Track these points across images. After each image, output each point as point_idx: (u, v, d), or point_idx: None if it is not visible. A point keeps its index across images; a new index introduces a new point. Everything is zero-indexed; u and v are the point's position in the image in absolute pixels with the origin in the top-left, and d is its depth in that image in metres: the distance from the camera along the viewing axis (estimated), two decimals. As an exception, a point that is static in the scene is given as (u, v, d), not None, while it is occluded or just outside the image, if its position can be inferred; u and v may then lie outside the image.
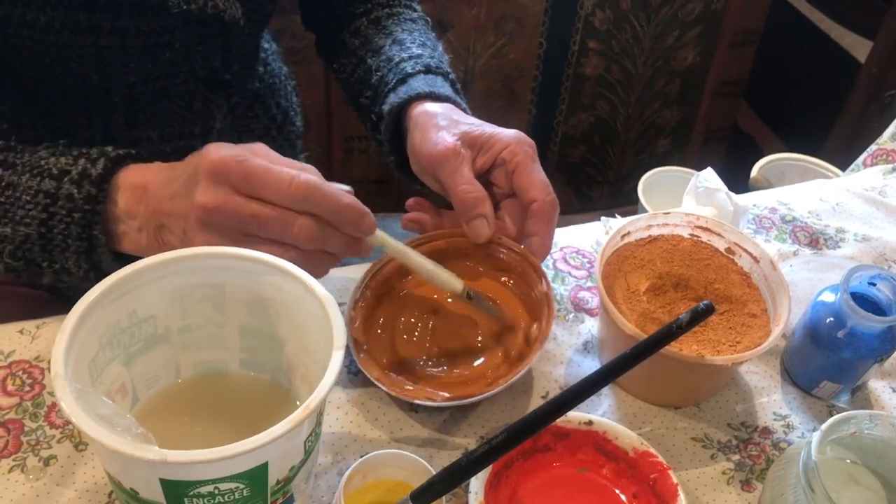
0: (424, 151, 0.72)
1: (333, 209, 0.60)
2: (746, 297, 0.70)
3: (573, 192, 2.17)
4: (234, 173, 0.58)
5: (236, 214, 0.58)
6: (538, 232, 0.70)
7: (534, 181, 0.70)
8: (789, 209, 0.91)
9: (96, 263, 0.65)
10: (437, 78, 0.80)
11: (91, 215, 0.62)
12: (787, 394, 0.72)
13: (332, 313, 0.53)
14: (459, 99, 0.79)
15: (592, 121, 2.03)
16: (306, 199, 0.59)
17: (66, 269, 0.65)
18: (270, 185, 0.58)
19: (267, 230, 0.59)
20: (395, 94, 0.78)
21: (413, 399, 0.64)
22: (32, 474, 0.61)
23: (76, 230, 0.63)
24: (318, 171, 0.61)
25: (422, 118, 0.74)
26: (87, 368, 0.53)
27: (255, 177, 0.58)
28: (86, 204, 0.62)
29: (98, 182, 0.63)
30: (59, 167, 0.64)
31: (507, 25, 1.78)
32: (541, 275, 0.69)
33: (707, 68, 2.03)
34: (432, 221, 0.75)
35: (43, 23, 0.70)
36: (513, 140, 0.71)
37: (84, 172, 0.63)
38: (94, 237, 0.63)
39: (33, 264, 0.66)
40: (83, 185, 0.63)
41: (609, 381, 0.47)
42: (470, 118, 0.75)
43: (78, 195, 0.62)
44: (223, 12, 0.77)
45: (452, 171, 0.70)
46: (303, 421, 0.48)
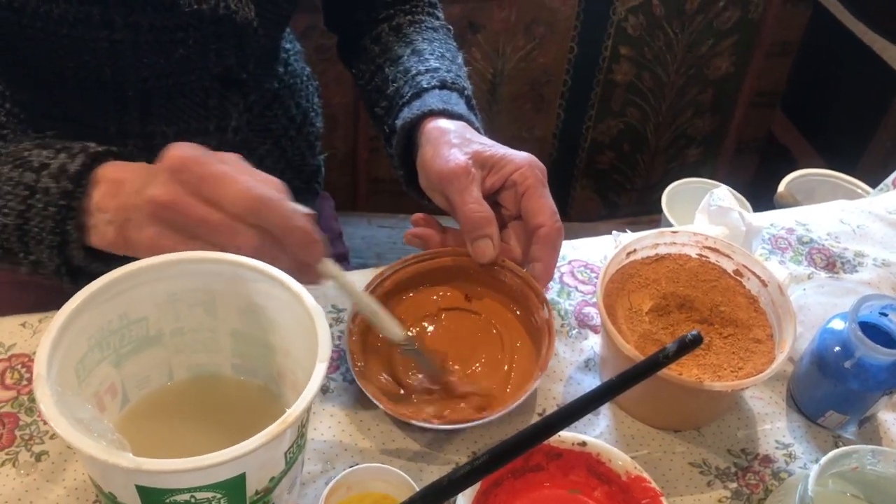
0: (435, 168, 0.71)
1: (282, 228, 0.58)
2: (752, 321, 0.68)
3: (600, 198, 2.15)
4: (192, 173, 0.57)
5: (185, 214, 0.57)
6: (542, 258, 0.69)
7: (542, 206, 0.69)
8: (807, 230, 0.88)
9: (68, 258, 0.64)
10: (453, 94, 0.79)
11: (65, 210, 0.62)
12: (792, 422, 0.71)
13: (318, 325, 0.53)
14: (474, 116, 0.79)
15: (622, 127, 2.01)
16: (257, 212, 0.57)
17: (40, 261, 0.64)
18: (224, 191, 0.56)
19: (213, 236, 0.57)
20: (409, 108, 0.78)
21: (408, 419, 0.63)
22: (24, 469, 0.61)
23: (50, 224, 0.62)
24: (284, 187, 0.60)
25: (434, 134, 0.73)
26: (74, 369, 0.53)
27: (211, 180, 0.57)
28: (61, 199, 0.62)
29: (75, 178, 0.62)
30: (40, 160, 0.64)
31: (538, 29, 1.77)
32: (542, 301, 0.68)
33: (742, 78, 2.00)
34: (437, 238, 0.74)
35: (56, 15, 0.71)
36: (524, 163, 0.70)
37: (62, 168, 0.63)
38: (67, 232, 0.62)
39: (11, 254, 0.65)
40: (60, 180, 0.62)
41: (593, 408, 0.46)
42: (483, 138, 0.74)
43: (55, 189, 0.62)
44: (235, 13, 0.77)
45: (461, 189, 0.69)
46: (280, 433, 0.47)
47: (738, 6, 1.86)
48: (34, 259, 0.65)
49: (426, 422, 0.63)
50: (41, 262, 0.65)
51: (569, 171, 2.06)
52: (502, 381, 0.67)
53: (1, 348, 0.69)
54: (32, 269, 0.66)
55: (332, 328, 0.73)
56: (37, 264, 0.65)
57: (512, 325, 0.71)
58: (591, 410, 0.45)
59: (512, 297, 0.71)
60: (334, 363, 0.71)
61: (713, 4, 1.84)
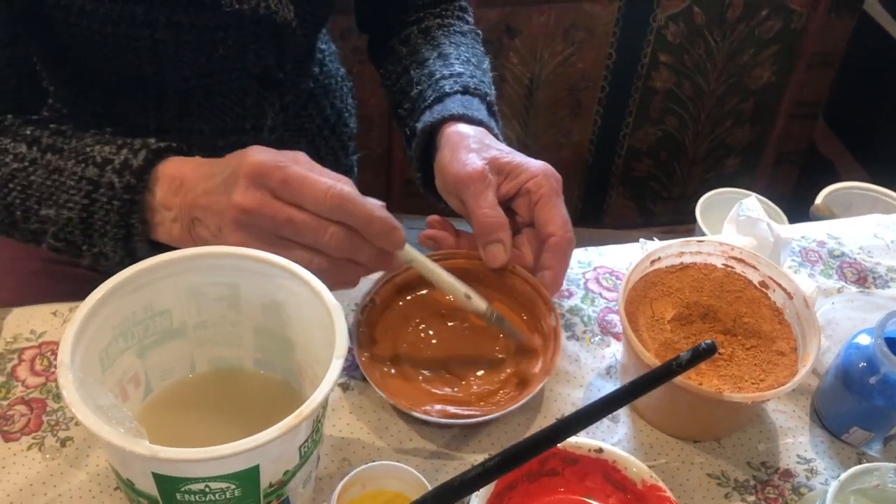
0: (452, 171, 0.72)
1: (365, 220, 0.61)
2: (776, 333, 0.68)
3: (636, 206, 2.13)
4: (274, 177, 0.60)
5: (272, 217, 0.60)
6: (552, 267, 0.70)
7: (554, 216, 0.70)
8: (839, 244, 0.87)
9: (132, 251, 0.67)
10: (475, 100, 0.80)
11: (129, 204, 0.65)
12: (815, 436, 0.70)
13: (337, 321, 0.53)
14: (494, 123, 0.79)
15: (660, 135, 1.99)
16: (340, 209, 0.60)
17: (103, 253, 0.68)
18: (307, 192, 0.60)
19: (300, 235, 0.61)
20: (431, 112, 0.79)
21: (410, 411, 0.64)
22: (49, 454, 0.63)
23: (115, 218, 0.65)
24: (353, 183, 0.62)
25: (453, 138, 0.74)
26: (98, 357, 0.54)
27: (293, 183, 0.60)
28: (125, 193, 0.65)
29: (138, 173, 0.65)
30: (103, 156, 0.67)
31: (577, 34, 1.76)
32: (550, 308, 0.69)
33: (783, 88, 1.97)
34: (450, 241, 0.75)
35: (101, 14, 0.72)
36: (539, 172, 0.71)
37: (126, 163, 0.66)
38: (131, 225, 0.66)
39: (74, 247, 0.68)
40: (124, 175, 0.65)
41: (603, 416, 0.46)
42: (501, 144, 0.75)
43: (118, 184, 0.65)
44: (275, 14, 0.78)
45: (476, 193, 0.70)
46: (294, 427, 0.48)
47: (781, 15, 1.83)
48: (97, 251, 0.68)
49: (425, 413, 0.64)
50: (105, 255, 0.68)
51: (605, 178, 2.05)
52: (504, 383, 0.68)
53: (32, 335, 0.70)
54: (94, 261, 0.69)
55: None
56: (100, 256, 0.68)
57: (519, 329, 0.71)
58: (601, 417, 0.45)
59: (521, 302, 0.72)
60: (355, 361, 0.72)
61: (755, 13, 1.81)
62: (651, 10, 1.76)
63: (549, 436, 0.48)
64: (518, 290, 0.71)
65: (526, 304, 0.71)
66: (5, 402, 0.66)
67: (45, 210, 0.67)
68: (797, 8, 1.83)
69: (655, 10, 1.76)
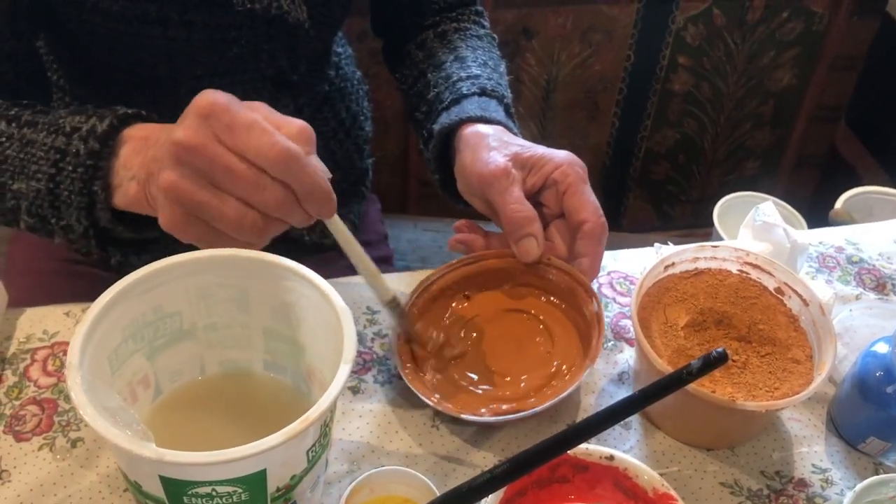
0: (475, 171, 0.71)
1: (307, 187, 0.56)
2: (792, 341, 0.67)
3: (653, 209, 2.12)
4: (221, 119, 0.54)
5: (210, 161, 0.54)
6: (588, 253, 0.69)
7: (585, 202, 0.69)
8: (857, 249, 0.86)
9: (95, 221, 0.64)
10: (492, 101, 0.79)
11: (92, 170, 0.62)
12: (831, 446, 0.69)
13: (345, 325, 0.53)
14: (511, 123, 0.79)
15: (678, 138, 1.98)
16: (284, 167, 0.55)
17: (69, 225, 0.65)
18: (252, 141, 0.54)
19: (237, 187, 0.55)
20: (448, 114, 0.78)
21: (458, 414, 0.63)
22: (59, 454, 0.63)
23: (78, 185, 0.63)
24: (312, 131, 0.58)
25: (473, 139, 0.74)
26: (108, 359, 0.54)
27: (240, 128, 0.54)
28: (88, 159, 0.62)
29: (102, 138, 0.62)
30: (72, 124, 0.64)
31: (595, 36, 1.75)
32: (591, 294, 0.68)
33: (804, 91, 1.95)
34: (481, 243, 0.74)
35: (115, 12, 0.73)
36: (564, 161, 0.70)
37: (92, 129, 0.63)
38: (93, 192, 0.63)
39: (45, 221, 0.66)
40: (88, 141, 0.63)
41: (612, 424, 0.45)
42: (521, 140, 0.74)
43: (83, 150, 0.63)
44: (287, 14, 0.78)
45: (502, 190, 0.69)
46: (301, 432, 0.48)
47: (802, 18, 1.81)
48: (64, 224, 0.65)
49: (475, 415, 0.64)
50: (71, 227, 0.65)
51: (622, 181, 2.04)
52: (552, 375, 0.67)
53: (45, 336, 0.71)
54: (64, 235, 0.66)
55: (366, 329, 0.74)
56: (67, 229, 0.65)
57: (560, 321, 0.70)
58: (610, 426, 0.45)
59: (559, 293, 0.71)
60: (366, 364, 0.71)
61: (776, 15, 1.80)
62: (670, 12, 1.75)
63: (558, 443, 0.47)
64: (556, 281, 0.71)
65: (565, 294, 0.71)
66: (17, 402, 0.66)
67: (17, 184, 0.65)
68: (819, 10, 1.81)
69: (674, 11, 1.75)
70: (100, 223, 0.64)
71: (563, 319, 0.71)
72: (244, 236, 0.56)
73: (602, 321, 0.66)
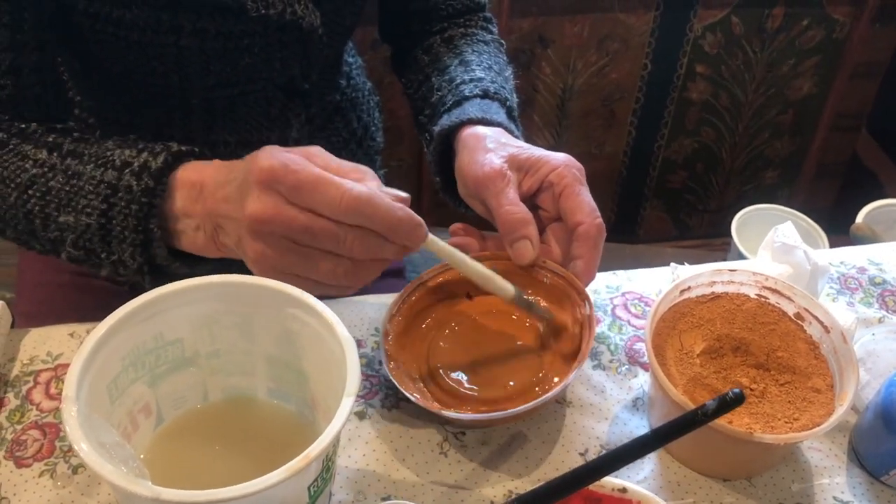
0: (471, 173, 0.71)
1: (387, 225, 0.57)
2: (812, 369, 0.64)
3: (670, 218, 2.09)
4: (285, 182, 0.56)
5: (287, 226, 0.56)
6: (583, 255, 0.67)
7: (580, 204, 0.68)
8: (881, 270, 0.83)
9: (151, 258, 0.65)
10: (494, 104, 0.79)
11: (148, 208, 0.63)
12: (853, 477, 0.66)
13: (349, 356, 0.52)
14: (514, 126, 0.78)
15: (696, 147, 1.95)
16: (357, 213, 0.56)
17: (122, 261, 0.65)
18: (320, 197, 0.56)
19: (320, 242, 0.57)
20: (449, 116, 0.78)
21: (440, 411, 0.62)
22: (60, 481, 0.62)
23: (133, 222, 0.63)
24: (374, 174, 0.59)
25: (470, 140, 0.73)
26: (107, 388, 0.53)
27: (306, 188, 0.56)
28: (143, 196, 0.63)
29: (157, 175, 0.63)
30: (123, 159, 0.65)
31: (611, 45, 1.73)
32: (584, 297, 0.67)
33: (824, 100, 1.92)
34: (476, 246, 0.73)
35: (128, 20, 0.72)
36: (560, 163, 0.69)
37: (145, 165, 0.64)
38: (149, 230, 0.63)
39: (93, 255, 0.66)
40: (142, 178, 0.63)
41: (625, 465, 0.44)
42: (519, 142, 0.74)
43: (137, 187, 0.63)
44: (301, 19, 0.77)
45: (497, 192, 0.69)
46: (302, 469, 0.46)
47: (823, 25, 1.79)
48: (116, 259, 0.65)
49: (458, 412, 0.62)
50: (123, 262, 0.65)
51: (639, 190, 2.02)
52: (540, 379, 0.66)
53: (48, 358, 0.70)
54: (113, 269, 0.66)
55: (373, 351, 0.73)
56: (118, 264, 0.66)
57: (552, 323, 0.69)
58: (621, 468, 0.43)
59: (554, 295, 0.70)
60: (374, 388, 0.70)
61: (796, 23, 1.77)
62: (688, 21, 1.73)
63: (567, 484, 0.45)
64: (549, 284, 0.70)
65: (559, 297, 0.70)
66: (19, 426, 0.65)
67: (63, 217, 0.65)
68: (840, 17, 1.78)
69: (692, 20, 1.73)
70: (156, 260, 0.65)
71: (556, 322, 0.69)
72: (343, 283, 0.59)
73: (593, 325, 0.65)
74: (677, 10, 1.71)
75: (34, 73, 0.72)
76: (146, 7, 0.71)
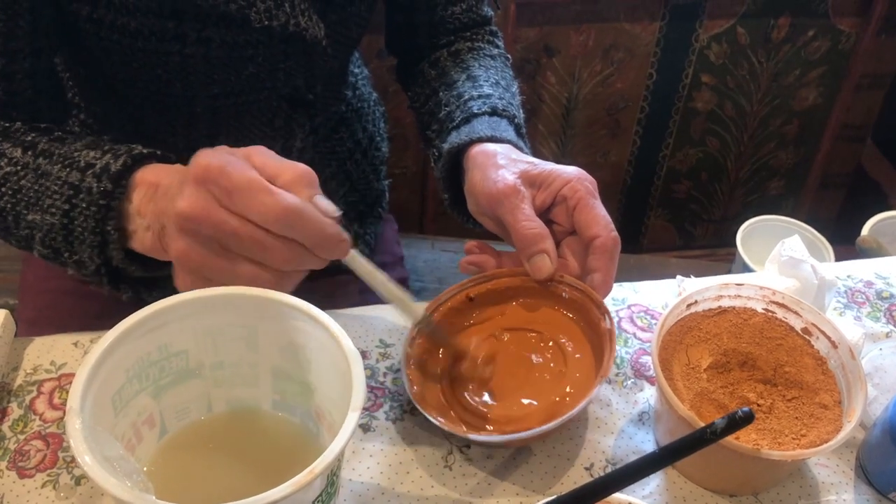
0: (484, 190, 0.70)
1: (314, 238, 0.57)
2: (819, 384, 0.64)
3: (675, 228, 2.09)
4: (219, 184, 0.55)
5: (215, 227, 0.55)
6: (600, 268, 0.67)
7: (595, 217, 0.68)
8: (888, 284, 0.83)
9: (108, 259, 0.64)
10: (503, 121, 0.78)
11: (105, 210, 0.62)
12: (860, 494, 0.66)
13: (354, 370, 0.51)
14: (522, 143, 0.78)
15: (700, 157, 1.95)
16: (287, 225, 0.55)
17: (82, 261, 0.65)
18: (252, 204, 0.54)
19: (245, 250, 0.56)
20: (458, 133, 0.77)
21: (467, 435, 0.62)
22: (63, 492, 0.61)
23: (91, 224, 0.63)
24: (314, 178, 0.58)
25: (480, 158, 0.73)
26: (111, 400, 0.53)
27: (238, 192, 0.55)
28: (101, 199, 0.62)
29: (115, 178, 0.62)
30: (87, 160, 0.64)
31: (617, 54, 1.73)
32: (604, 311, 0.66)
33: (829, 110, 1.92)
34: (492, 263, 0.73)
35: (133, 28, 0.72)
36: (573, 177, 0.69)
37: (105, 167, 0.63)
38: (107, 232, 0.63)
39: (58, 254, 0.66)
40: (102, 180, 0.63)
41: (631, 483, 0.43)
42: (529, 157, 0.73)
43: (96, 189, 0.62)
44: (305, 31, 0.77)
45: (513, 208, 0.68)
46: (306, 484, 0.46)
47: (828, 36, 1.78)
48: (77, 259, 0.65)
49: (485, 434, 0.62)
50: (83, 262, 0.65)
51: (644, 200, 2.01)
52: (563, 393, 0.65)
53: (52, 367, 0.70)
54: (76, 269, 0.67)
55: (378, 363, 0.73)
56: (79, 264, 0.66)
57: (575, 338, 0.69)
58: (628, 485, 0.43)
59: (573, 310, 0.70)
60: (378, 400, 0.70)
61: (802, 34, 1.77)
62: (693, 31, 1.73)
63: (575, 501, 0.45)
64: (568, 299, 0.69)
65: (579, 311, 0.69)
66: (22, 436, 0.65)
67: (31, 215, 0.66)
68: (846, 29, 1.78)
69: (698, 30, 1.73)
70: (112, 262, 0.64)
71: (578, 337, 0.69)
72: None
73: (614, 338, 0.64)
74: (683, 19, 1.71)
75: (27, 78, 0.72)
76: (151, 15, 0.71)
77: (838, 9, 1.75)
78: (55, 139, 0.69)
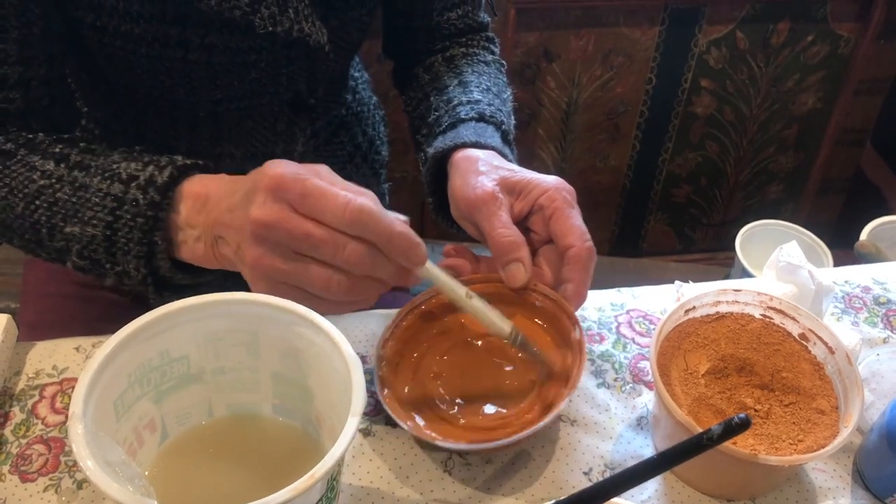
0: (464, 196, 0.71)
1: (386, 237, 0.58)
2: (816, 390, 0.64)
3: (674, 232, 2.09)
4: (292, 191, 0.57)
5: (289, 232, 0.57)
6: (573, 279, 0.67)
7: (571, 227, 0.68)
8: (885, 290, 0.83)
9: (155, 269, 0.66)
10: (489, 127, 0.79)
11: (153, 221, 0.64)
12: (857, 499, 0.66)
13: (354, 375, 0.52)
14: (508, 150, 0.78)
15: (700, 161, 1.96)
16: (360, 224, 0.57)
17: (126, 272, 0.66)
18: (326, 205, 0.57)
19: (318, 251, 0.58)
20: (443, 138, 0.78)
21: (434, 441, 0.62)
22: (65, 496, 0.62)
23: (138, 235, 0.64)
24: (376, 197, 0.60)
25: (463, 163, 0.73)
26: (113, 405, 0.53)
27: (312, 197, 0.57)
28: (148, 210, 0.64)
29: (162, 189, 0.64)
30: (129, 172, 0.66)
31: (616, 59, 1.74)
32: (574, 322, 0.67)
33: (828, 115, 1.92)
34: (469, 268, 0.73)
35: (136, 35, 0.73)
36: (551, 186, 0.69)
37: (150, 179, 0.65)
38: (153, 243, 0.64)
39: (97, 265, 0.67)
40: (148, 192, 0.64)
41: (628, 488, 0.44)
42: (511, 164, 0.74)
43: (143, 201, 0.64)
44: (308, 37, 0.77)
45: (489, 215, 0.69)
46: (306, 490, 0.46)
47: (827, 41, 1.79)
48: (120, 270, 0.66)
49: (450, 441, 0.62)
50: (127, 273, 0.66)
51: (643, 204, 2.02)
52: (531, 403, 0.66)
53: (54, 371, 0.70)
54: (117, 280, 0.68)
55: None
56: (123, 275, 0.67)
57: (546, 347, 0.69)
58: (625, 491, 0.43)
59: (544, 319, 0.70)
60: (378, 405, 0.70)
61: (801, 39, 1.78)
62: (693, 35, 1.73)
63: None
64: (540, 307, 0.70)
65: (550, 320, 0.69)
66: (24, 440, 0.65)
67: (69, 227, 0.67)
68: (844, 34, 1.79)
69: (697, 35, 1.73)
70: (159, 271, 0.66)
71: (549, 346, 0.69)
72: (336, 297, 0.59)
73: (584, 349, 0.65)
74: (682, 24, 1.72)
75: (43, 85, 0.72)
76: (154, 22, 0.72)
77: (837, 14, 1.76)
78: (84, 150, 0.70)
